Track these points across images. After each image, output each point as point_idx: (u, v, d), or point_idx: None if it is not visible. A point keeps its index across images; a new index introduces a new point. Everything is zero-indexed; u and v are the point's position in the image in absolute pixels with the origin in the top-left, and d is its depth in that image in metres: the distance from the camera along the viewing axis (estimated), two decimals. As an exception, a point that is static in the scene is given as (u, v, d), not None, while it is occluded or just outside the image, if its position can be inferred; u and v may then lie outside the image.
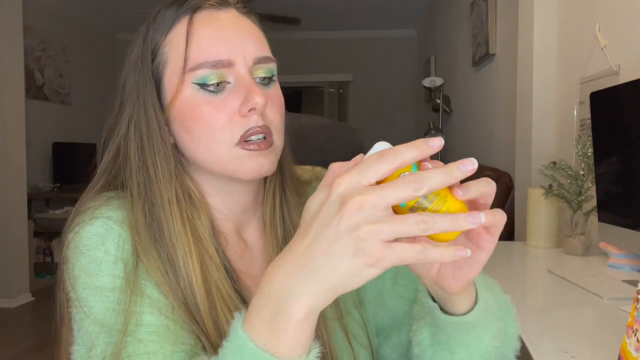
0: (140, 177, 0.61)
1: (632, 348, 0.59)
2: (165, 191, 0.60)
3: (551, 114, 1.99)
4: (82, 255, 0.57)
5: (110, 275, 0.56)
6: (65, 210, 4.88)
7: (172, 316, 0.56)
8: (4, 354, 2.89)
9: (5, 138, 3.67)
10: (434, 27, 5.01)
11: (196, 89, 0.59)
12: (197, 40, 0.59)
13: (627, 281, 1.18)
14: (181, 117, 0.60)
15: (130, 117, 0.62)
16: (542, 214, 1.61)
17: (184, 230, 0.59)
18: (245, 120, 0.59)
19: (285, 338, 0.42)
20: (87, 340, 0.55)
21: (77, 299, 0.57)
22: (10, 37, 3.71)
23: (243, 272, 0.64)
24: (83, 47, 5.62)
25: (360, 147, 1.07)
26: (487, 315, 0.55)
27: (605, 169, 1.29)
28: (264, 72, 0.62)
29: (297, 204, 0.69)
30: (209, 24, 0.60)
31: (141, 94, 0.62)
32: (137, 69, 0.62)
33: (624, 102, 1.23)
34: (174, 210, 0.60)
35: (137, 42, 0.63)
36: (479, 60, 3.17)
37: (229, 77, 0.60)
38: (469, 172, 0.39)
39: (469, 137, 3.55)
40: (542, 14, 1.98)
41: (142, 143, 0.61)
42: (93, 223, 0.58)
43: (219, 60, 0.59)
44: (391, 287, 0.70)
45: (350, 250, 0.38)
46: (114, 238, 0.58)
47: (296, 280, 0.41)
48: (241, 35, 0.61)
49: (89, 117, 5.62)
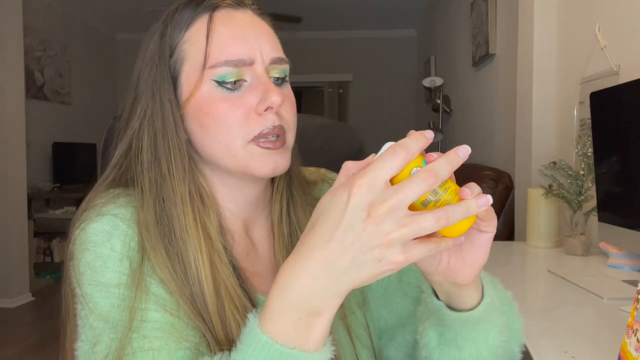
0: (152, 172, 0.61)
1: (632, 348, 0.59)
2: (178, 187, 0.60)
3: (551, 114, 1.99)
4: (88, 251, 0.58)
5: (116, 272, 0.57)
6: (65, 210, 4.88)
7: (177, 313, 0.56)
8: (4, 354, 2.89)
9: (5, 138, 3.67)
10: (434, 27, 5.01)
11: (214, 86, 0.60)
12: (218, 38, 0.60)
13: (627, 281, 1.18)
14: (197, 114, 0.61)
15: (144, 113, 0.63)
16: (542, 214, 1.61)
17: (195, 227, 0.59)
18: (261, 118, 0.60)
19: (315, 336, 0.45)
20: (92, 336, 0.56)
21: (82, 295, 0.57)
22: (10, 37, 3.71)
23: (248, 271, 0.65)
24: (83, 47, 5.62)
25: (360, 147, 1.07)
26: (492, 310, 0.56)
27: (605, 169, 1.29)
28: (278, 73, 0.63)
29: (304, 204, 0.69)
30: (227, 22, 0.61)
31: (157, 89, 0.62)
32: (153, 65, 0.63)
33: (624, 102, 1.23)
34: (186, 207, 0.60)
35: (153, 39, 0.64)
36: (479, 60, 3.17)
37: (247, 76, 0.61)
38: (465, 157, 0.43)
39: (469, 137, 3.55)
40: (542, 14, 1.98)
41: (156, 139, 0.62)
42: (99, 220, 0.59)
43: (240, 59, 0.60)
44: (396, 285, 0.71)
45: (376, 257, 0.41)
46: (120, 235, 0.58)
47: (324, 282, 0.43)
48: (258, 35, 0.62)
49: (89, 117, 5.62)
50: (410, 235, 0.40)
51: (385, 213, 0.40)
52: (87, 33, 5.73)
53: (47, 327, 3.30)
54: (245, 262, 0.65)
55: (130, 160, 0.64)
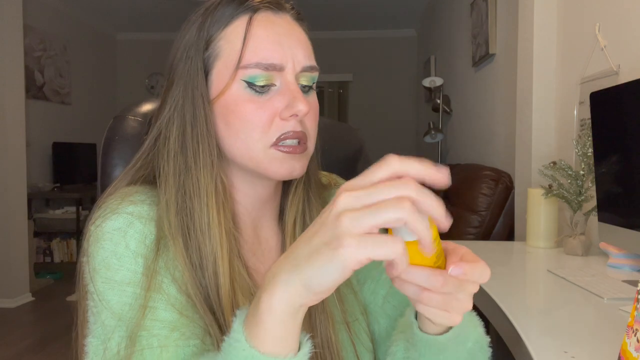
0: (177, 163, 0.62)
1: (632, 348, 0.59)
2: (204, 180, 0.61)
3: (551, 114, 1.99)
4: (103, 249, 0.58)
5: (130, 270, 0.57)
6: (65, 210, 4.89)
7: (186, 311, 0.57)
8: (4, 354, 2.89)
9: (5, 138, 3.67)
10: (433, 27, 5.01)
11: (244, 87, 0.61)
12: (254, 40, 0.61)
13: (627, 281, 1.18)
14: (224, 111, 0.62)
15: (176, 103, 0.63)
16: (542, 214, 1.61)
17: (217, 221, 0.60)
18: (284, 123, 0.61)
19: (266, 332, 0.43)
20: (103, 333, 0.56)
21: (95, 292, 0.58)
22: (10, 37, 3.71)
23: (253, 269, 0.65)
24: (83, 47, 5.62)
25: (360, 147, 1.07)
26: (459, 342, 0.55)
27: (605, 169, 1.29)
28: (307, 80, 0.65)
29: (318, 207, 0.70)
30: (265, 26, 0.62)
31: (190, 82, 0.63)
32: (188, 57, 0.63)
33: (624, 102, 1.23)
34: (210, 201, 0.60)
35: (191, 30, 0.64)
36: (479, 60, 3.17)
37: (276, 81, 0.61)
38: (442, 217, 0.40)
39: (469, 137, 3.55)
40: (542, 14, 1.98)
41: (185, 131, 0.62)
42: (115, 218, 0.59)
43: (271, 63, 0.60)
44: (381, 304, 0.71)
45: (326, 238, 0.39)
46: (135, 234, 0.59)
47: (278, 270, 0.42)
48: (293, 42, 0.63)
49: (89, 117, 5.62)
50: (363, 219, 0.38)
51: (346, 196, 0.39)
52: (87, 33, 5.73)
53: (47, 327, 3.30)
54: (252, 260, 0.66)
55: (158, 148, 0.64)
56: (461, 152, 3.75)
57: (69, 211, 4.87)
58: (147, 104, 0.89)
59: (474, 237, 2.36)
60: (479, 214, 2.39)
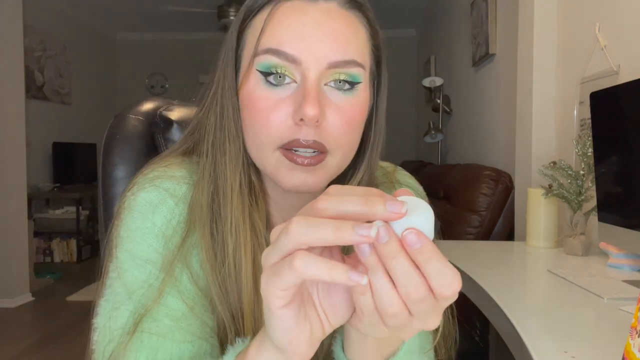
0: (210, 156, 0.61)
1: (636, 349, 0.59)
2: (231, 176, 0.60)
3: (551, 114, 1.99)
4: (132, 218, 0.58)
5: (151, 248, 0.57)
6: (65, 210, 4.89)
7: (192, 305, 0.56)
8: (4, 354, 2.89)
9: (5, 138, 3.67)
10: (433, 27, 5.01)
11: (260, 80, 0.56)
12: (272, 26, 0.55)
13: (627, 281, 1.18)
14: (242, 104, 0.59)
15: (213, 95, 0.62)
16: (542, 214, 1.61)
17: (242, 219, 0.58)
18: (296, 128, 0.55)
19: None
20: (114, 300, 0.57)
21: (116, 257, 0.58)
22: (10, 37, 3.71)
23: None
24: (83, 47, 5.63)
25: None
26: None
27: (605, 169, 1.29)
28: (340, 76, 0.56)
29: None
30: (290, 14, 0.56)
31: (222, 73, 0.61)
32: (224, 48, 0.62)
33: (624, 102, 1.23)
34: (235, 196, 0.59)
35: (234, 21, 0.63)
36: (479, 60, 3.17)
37: (296, 75, 0.55)
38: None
39: (469, 137, 3.55)
40: (542, 14, 1.98)
41: (216, 124, 0.61)
42: (151, 190, 0.59)
43: (282, 51, 0.54)
44: None
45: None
46: (164, 212, 0.58)
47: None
48: (323, 34, 0.55)
49: (89, 117, 5.63)
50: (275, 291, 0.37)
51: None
52: (87, 33, 5.73)
53: (47, 327, 3.30)
54: None
55: (196, 141, 0.64)
56: (461, 152, 3.75)
57: (69, 211, 4.87)
58: (148, 103, 0.89)
59: (474, 237, 2.36)
60: (479, 214, 2.39)
